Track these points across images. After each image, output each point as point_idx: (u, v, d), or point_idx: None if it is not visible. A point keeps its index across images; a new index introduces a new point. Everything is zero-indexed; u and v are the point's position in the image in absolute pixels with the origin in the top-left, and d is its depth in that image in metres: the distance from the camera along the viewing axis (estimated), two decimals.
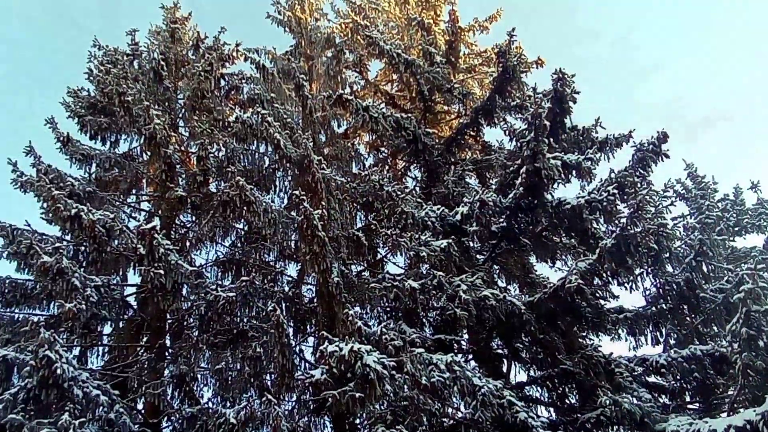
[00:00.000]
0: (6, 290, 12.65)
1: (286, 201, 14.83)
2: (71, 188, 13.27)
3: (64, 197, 11.96)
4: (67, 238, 13.00)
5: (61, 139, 14.49)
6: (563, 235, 12.72)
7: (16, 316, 12.54)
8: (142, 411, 11.72)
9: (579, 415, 10.49)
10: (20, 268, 12.60)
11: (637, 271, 11.87)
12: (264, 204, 11.94)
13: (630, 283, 12.00)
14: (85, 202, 12.80)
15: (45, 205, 12.33)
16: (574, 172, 11.98)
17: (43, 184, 12.18)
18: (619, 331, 12.65)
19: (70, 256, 12.72)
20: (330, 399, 8.64)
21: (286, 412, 10.92)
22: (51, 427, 8.53)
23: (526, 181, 11.33)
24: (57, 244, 11.93)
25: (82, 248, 12.92)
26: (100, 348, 12.98)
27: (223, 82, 16.73)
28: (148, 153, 14.67)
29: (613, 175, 11.76)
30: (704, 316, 12.46)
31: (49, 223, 12.88)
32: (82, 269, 11.73)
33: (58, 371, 8.94)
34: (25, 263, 12.44)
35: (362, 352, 8.55)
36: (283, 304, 12.88)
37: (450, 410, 10.85)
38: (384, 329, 9.81)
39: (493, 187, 13.12)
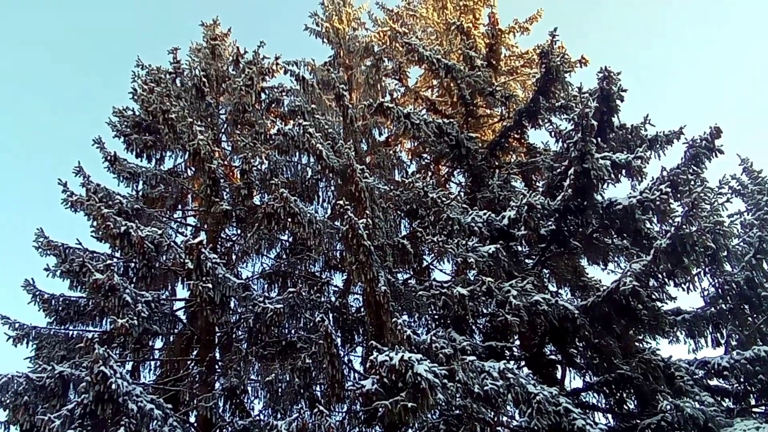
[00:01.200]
0: (60, 307, 12.89)
1: (329, 211, 14.82)
2: (120, 206, 13.44)
3: (114, 215, 12.14)
4: (117, 254, 13.17)
5: (109, 158, 14.71)
6: (615, 236, 12.38)
7: (70, 332, 12.77)
8: (195, 424, 11.77)
9: (638, 421, 10.23)
10: (73, 286, 12.85)
11: (695, 271, 11.47)
12: (308, 215, 11.89)
13: (687, 284, 11.60)
14: (134, 219, 12.96)
15: (95, 223, 12.53)
16: (623, 171, 11.66)
17: (93, 203, 12.37)
18: (678, 333, 12.30)
19: (121, 272, 12.86)
20: (381, 409, 8.50)
21: (338, 423, 10.84)
22: None
23: (575, 183, 11.07)
24: (108, 262, 12.12)
25: (132, 264, 13.06)
26: (152, 362, 13.12)
27: (263, 96, 16.84)
28: (193, 168, 14.87)
29: (665, 173, 11.40)
30: (767, 316, 11.99)
31: (99, 240, 13.11)
32: (132, 285, 11.87)
33: (113, 386, 9.01)
34: (77, 281, 12.69)
35: (413, 361, 8.41)
36: (330, 315, 12.84)
37: (504, 419, 10.64)
38: (434, 337, 9.67)
39: (540, 189, 12.89)
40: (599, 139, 11.50)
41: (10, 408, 10.22)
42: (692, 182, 11.48)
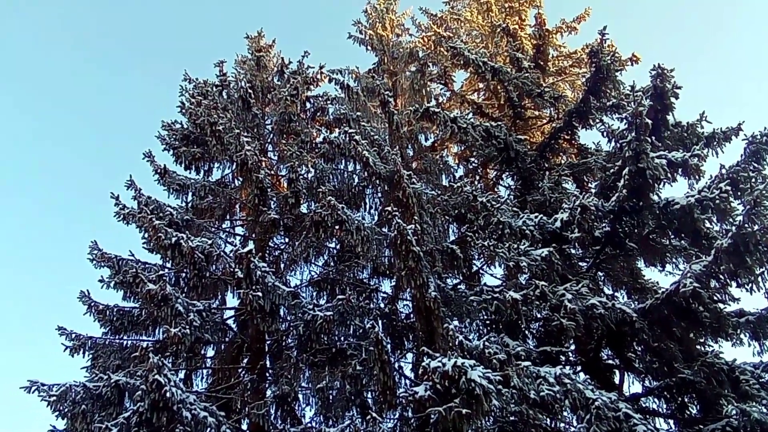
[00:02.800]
0: (114, 318, 13.14)
1: (377, 217, 14.73)
2: (170, 217, 13.68)
3: (164, 226, 12.34)
4: (168, 265, 13.40)
5: (159, 171, 14.98)
6: (673, 237, 11.99)
7: (125, 342, 13.02)
8: (247, 431, 11.79)
9: (701, 427, 9.79)
10: (126, 297, 13.16)
11: (758, 271, 10.91)
12: (356, 222, 11.86)
13: (750, 284, 11.08)
14: (184, 230, 13.15)
15: (147, 234, 12.81)
16: (680, 170, 11.30)
17: (145, 215, 12.62)
18: (741, 335, 11.73)
19: (172, 282, 13.08)
20: (435, 415, 8.36)
21: (389, 430, 10.73)
22: None
23: (630, 183, 10.74)
24: (160, 272, 12.28)
25: (183, 274, 13.25)
26: (204, 371, 13.24)
27: (308, 105, 16.94)
28: (240, 179, 15.01)
29: (724, 171, 10.95)
30: None
31: (151, 251, 13.38)
32: (183, 295, 12.00)
33: (168, 394, 9.08)
34: (131, 291, 12.96)
35: (466, 366, 8.25)
36: (380, 321, 12.75)
37: (562, 425, 10.34)
38: (486, 343, 9.46)
39: (593, 190, 12.58)
40: (654, 137, 11.13)
41: (68, 416, 10.49)
42: (753, 179, 10.99)
